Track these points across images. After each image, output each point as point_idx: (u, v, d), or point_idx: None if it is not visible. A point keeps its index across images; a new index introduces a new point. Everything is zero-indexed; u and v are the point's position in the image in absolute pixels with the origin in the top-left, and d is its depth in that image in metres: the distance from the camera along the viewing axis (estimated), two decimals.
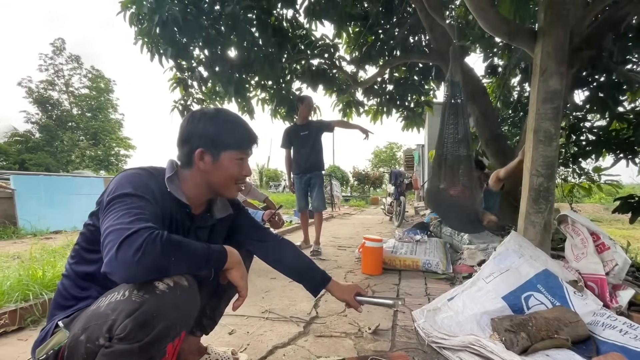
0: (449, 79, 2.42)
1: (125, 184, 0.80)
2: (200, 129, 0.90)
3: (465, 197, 2.47)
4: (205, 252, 0.79)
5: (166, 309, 0.69)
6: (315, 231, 3.59)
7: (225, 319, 1.51)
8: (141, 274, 0.69)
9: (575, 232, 1.69)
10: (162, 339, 0.70)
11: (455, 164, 2.47)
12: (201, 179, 0.93)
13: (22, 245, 3.67)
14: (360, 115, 4.90)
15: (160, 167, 0.95)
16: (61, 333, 0.77)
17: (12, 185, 4.86)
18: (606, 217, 9.87)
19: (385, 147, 36.36)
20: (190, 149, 0.90)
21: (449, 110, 2.44)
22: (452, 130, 2.45)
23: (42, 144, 20.74)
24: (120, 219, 0.71)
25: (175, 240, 0.73)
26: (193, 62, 3.82)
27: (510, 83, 4.57)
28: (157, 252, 0.68)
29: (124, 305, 0.67)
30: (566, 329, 1.19)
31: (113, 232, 0.69)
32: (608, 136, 3.48)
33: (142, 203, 0.78)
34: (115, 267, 0.66)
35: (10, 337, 1.45)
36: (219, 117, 0.93)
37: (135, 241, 0.66)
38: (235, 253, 0.87)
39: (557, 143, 1.85)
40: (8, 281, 1.71)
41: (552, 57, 1.79)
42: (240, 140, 0.93)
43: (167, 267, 0.71)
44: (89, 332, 0.69)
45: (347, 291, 1.20)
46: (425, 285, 2.26)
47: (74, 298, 0.83)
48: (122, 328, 0.66)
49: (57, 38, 24.53)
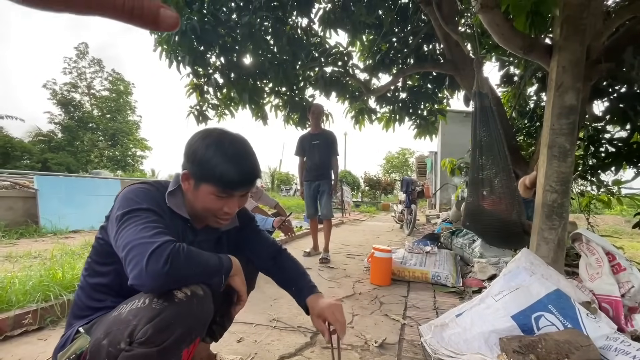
0: (476, 91, 2.37)
1: (135, 199, 0.84)
2: (194, 150, 0.87)
3: (507, 209, 2.30)
4: (217, 262, 0.84)
5: (184, 316, 0.74)
6: (324, 239, 3.61)
7: (234, 326, 1.54)
8: (169, 284, 0.74)
9: (590, 251, 1.66)
10: (179, 344, 0.75)
11: (492, 174, 2.35)
12: (188, 198, 0.94)
13: (43, 244, 3.82)
14: (373, 123, 4.91)
15: (164, 181, 0.99)
16: (82, 338, 0.82)
17: (35, 185, 5.07)
18: (627, 230, 9.49)
19: (397, 153, 36.09)
20: (182, 165, 0.91)
21: (480, 122, 2.36)
22: (485, 141, 2.36)
23: (64, 144, 21.51)
24: (141, 233, 0.75)
25: (194, 252, 0.78)
26: (209, 69, 3.92)
27: (526, 92, 4.49)
28: (182, 263, 0.73)
29: (145, 312, 0.72)
30: (577, 353, 1.17)
31: (137, 247, 0.72)
32: (629, 148, 3.37)
33: (157, 217, 0.82)
34: (146, 278, 0.70)
35: (30, 336, 1.52)
36: (218, 146, 0.86)
37: (162, 253, 0.71)
38: (237, 261, 0.92)
39: (572, 159, 1.81)
40: (30, 281, 1.79)
41: (568, 72, 1.77)
42: (226, 180, 0.86)
43: (188, 276, 0.77)
44: (111, 337, 0.73)
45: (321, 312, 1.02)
46: (434, 298, 2.24)
47: (90, 308, 0.88)
48: (142, 333, 0.70)
49: (81, 42, 25.53)
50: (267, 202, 3.68)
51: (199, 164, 0.86)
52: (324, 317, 1.01)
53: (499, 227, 2.42)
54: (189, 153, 0.88)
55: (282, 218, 2.63)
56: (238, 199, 0.92)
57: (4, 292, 1.65)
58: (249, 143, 0.94)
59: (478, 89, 2.38)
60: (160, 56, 3.53)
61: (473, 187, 2.50)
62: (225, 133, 0.91)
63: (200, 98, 4.21)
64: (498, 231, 2.47)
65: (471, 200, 2.53)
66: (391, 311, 1.96)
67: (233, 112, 4.49)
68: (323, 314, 1.01)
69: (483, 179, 2.41)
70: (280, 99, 4.55)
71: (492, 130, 2.32)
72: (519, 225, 2.30)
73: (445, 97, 4.69)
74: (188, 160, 0.88)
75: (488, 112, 2.34)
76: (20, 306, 1.61)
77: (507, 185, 2.28)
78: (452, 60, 3.51)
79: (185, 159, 0.90)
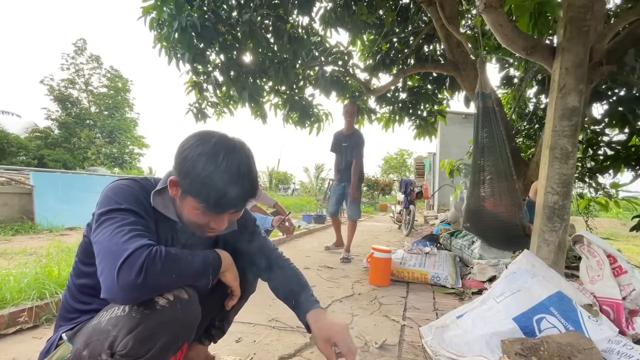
0: (479, 91, 2.36)
1: (114, 198, 0.77)
2: (184, 158, 0.77)
3: (508, 211, 2.30)
4: (203, 262, 0.79)
5: (167, 323, 0.69)
6: (347, 239, 3.69)
7: (233, 326, 1.51)
8: (145, 296, 0.68)
9: (591, 253, 1.65)
10: (164, 354, 0.71)
11: (494, 176, 2.33)
12: (176, 204, 0.86)
13: (38, 241, 3.78)
14: (372, 123, 4.90)
15: (154, 178, 0.90)
16: (64, 346, 0.79)
17: (32, 181, 5.02)
18: (623, 233, 9.55)
19: (395, 154, 36.13)
20: (173, 168, 0.82)
21: (483, 123, 2.35)
22: (488, 142, 2.34)
23: (61, 141, 21.37)
24: (114, 238, 0.68)
25: (174, 255, 0.71)
26: (209, 67, 3.90)
27: (526, 94, 4.50)
28: (158, 272, 0.67)
29: (125, 321, 0.67)
30: (580, 356, 1.16)
31: (109, 254, 0.66)
32: (627, 151, 3.39)
33: (134, 218, 0.75)
34: (117, 292, 0.64)
35: (25, 335, 1.49)
36: (211, 159, 0.75)
37: (134, 263, 0.64)
38: (227, 255, 0.87)
39: (574, 161, 1.81)
40: (26, 279, 1.76)
41: (571, 74, 1.76)
42: (214, 200, 0.76)
43: (168, 284, 0.71)
44: (90, 348, 0.69)
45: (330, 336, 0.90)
46: (433, 299, 2.23)
47: (77, 311, 0.84)
48: (123, 345, 0.66)
49: (79, 38, 25.32)
50: (266, 201, 3.65)
51: (187, 175, 0.76)
52: (332, 342, 0.90)
53: (499, 229, 2.41)
54: (180, 159, 0.78)
55: (282, 217, 2.62)
56: (228, 216, 0.83)
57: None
58: (248, 154, 0.82)
59: (481, 89, 2.37)
60: (159, 53, 3.50)
61: (474, 188, 2.48)
62: (222, 142, 0.78)
63: (199, 96, 4.18)
64: (498, 233, 2.46)
65: (472, 201, 2.51)
66: (391, 312, 1.95)
67: (232, 110, 4.47)
68: (332, 338, 0.89)
69: (484, 181, 2.39)
70: (280, 98, 4.53)
71: (495, 131, 2.31)
72: (520, 227, 2.29)
73: (445, 98, 4.69)
74: (177, 167, 0.79)
75: (491, 112, 2.33)
76: (15, 304, 1.58)
77: (508, 187, 2.26)
78: (453, 61, 3.50)
79: (175, 164, 0.80)
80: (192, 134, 0.81)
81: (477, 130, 2.41)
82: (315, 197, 15.99)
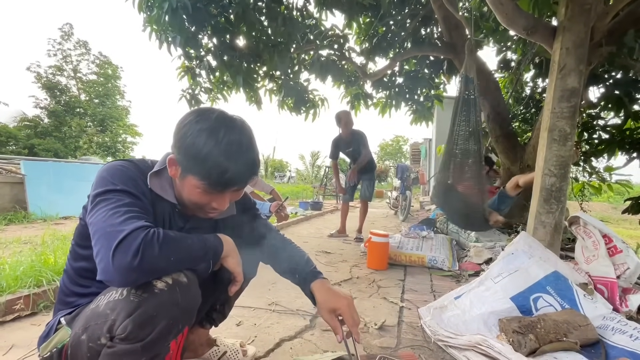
0: (463, 74, 2.37)
1: (109, 179, 0.74)
2: (183, 135, 0.75)
3: (473, 194, 2.45)
4: (202, 246, 0.77)
5: (166, 307, 0.68)
6: (360, 219, 3.94)
7: (233, 310, 1.51)
8: (142, 278, 0.67)
9: (586, 234, 1.67)
10: (164, 337, 0.70)
11: (464, 160, 2.45)
12: (175, 184, 0.84)
13: (32, 230, 3.74)
14: (369, 108, 4.85)
15: (151, 160, 0.88)
16: (63, 330, 0.77)
17: (23, 170, 4.93)
18: (614, 216, 9.75)
19: (391, 140, 36.10)
20: (171, 147, 0.80)
21: (462, 106, 2.41)
22: (463, 125, 2.42)
23: (51, 130, 20.90)
24: (110, 219, 0.67)
25: (172, 238, 0.70)
26: (201, 51, 3.79)
27: (523, 78, 4.47)
28: (156, 254, 0.65)
29: (123, 305, 0.66)
30: (575, 332, 1.19)
31: (104, 236, 0.65)
32: (622, 135, 3.41)
33: (130, 199, 0.73)
34: (113, 274, 0.62)
35: (24, 322, 1.48)
36: (212, 135, 0.73)
37: (130, 245, 0.62)
38: (229, 240, 0.85)
39: (572, 143, 1.81)
40: (21, 267, 1.74)
41: (572, 54, 1.74)
42: (215, 177, 0.75)
43: (166, 267, 0.70)
44: (89, 332, 0.69)
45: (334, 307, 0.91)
46: (430, 281, 2.26)
47: (75, 294, 0.83)
48: (122, 328, 0.65)
49: (65, 23, 24.38)
50: (262, 188, 3.64)
51: (187, 152, 0.74)
52: (337, 313, 0.90)
53: (462, 209, 2.55)
54: (179, 136, 0.76)
55: (279, 203, 2.61)
56: (230, 195, 0.82)
57: None
58: (249, 130, 0.81)
59: (465, 73, 2.38)
60: (149, 37, 3.39)
61: (445, 168, 2.58)
62: (222, 117, 0.77)
63: (192, 81, 4.09)
64: (461, 212, 2.61)
65: (441, 180, 2.63)
66: (389, 294, 1.97)
67: (226, 96, 4.38)
68: (337, 309, 0.90)
69: (455, 163, 2.50)
70: (275, 83, 4.45)
71: (471, 118, 2.38)
72: (481, 211, 2.43)
73: (442, 82, 4.64)
74: (176, 145, 0.77)
75: (470, 97, 2.36)
76: (11, 292, 1.56)
77: (476, 172, 2.40)
78: (450, 43, 3.45)
79: (174, 142, 0.78)
80: (190, 111, 0.79)
81: (454, 114, 2.46)
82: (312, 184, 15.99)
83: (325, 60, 4.11)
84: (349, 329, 0.91)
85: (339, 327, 0.91)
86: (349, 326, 0.90)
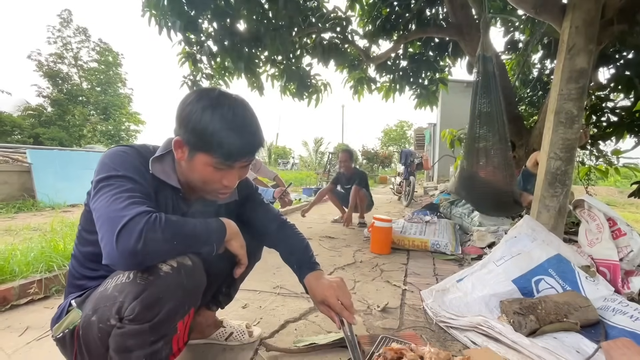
0: (480, 54, 2.27)
1: (110, 165, 0.76)
2: (188, 114, 0.76)
3: (501, 179, 2.33)
4: (205, 230, 0.78)
5: (171, 289, 0.70)
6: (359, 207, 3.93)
7: (239, 293, 1.55)
8: (145, 262, 0.69)
9: (591, 217, 1.67)
10: (171, 318, 0.72)
11: (489, 144, 2.32)
12: (180, 167, 0.85)
13: (41, 218, 3.81)
14: (372, 93, 4.78)
15: (153, 145, 0.89)
16: (74, 312, 0.80)
17: (29, 159, 4.98)
18: (620, 200, 9.67)
19: (395, 126, 35.73)
20: (175, 131, 0.81)
21: (482, 88, 2.29)
22: (485, 108, 2.30)
23: (55, 118, 20.95)
24: (113, 205, 0.68)
25: (175, 222, 0.71)
26: (202, 36, 3.73)
27: (530, 60, 4.36)
28: (159, 238, 0.66)
29: (130, 288, 0.68)
30: (576, 313, 1.20)
31: (107, 221, 0.66)
32: (631, 117, 3.34)
33: (132, 185, 0.74)
34: (117, 258, 0.64)
35: (37, 305, 1.53)
36: (217, 110, 0.76)
37: (134, 229, 0.64)
38: (233, 224, 0.86)
39: (579, 125, 1.78)
40: (32, 252, 1.79)
41: (581, 33, 1.69)
42: (225, 150, 0.76)
43: (170, 251, 0.71)
44: (99, 314, 0.71)
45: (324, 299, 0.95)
46: (433, 265, 2.29)
47: (85, 277, 0.85)
48: (130, 310, 0.67)
49: (64, 9, 24.00)
50: (266, 174, 3.65)
51: (194, 130, 0.75)
52: (327, 304, 0.94)
53: (490, 195, 2.46)
54: (182, 117, 0.77)
55: (282, 189, 2.62)
56: (238, 171, 0.84)
57: (7, 264, 1.64)
58: (250, 106, 0.83)
59: (482, 52, 2.28)
60: (149, 22, 3.33)
61: (469, 155, 2.48)
62: (223, 94, 0.80)
63: (193, 67, 4.04)
64: (490, 199, 2.52)
65: (465, 169, 2.54)
66: (392, 278, 2.00)
67: (228, 82, 4.33)
68: (326, 300, 0.94)
69: (479, 148, 2.40)
70: (277, 68, 4.38)
71: (493, 98, 2.26)
72: (510, 194, 2.34)
73: (447, 65, 4.54)
74: (181, 126, 0.78)
75: (491, 78, 2.26)
76: (24, 276, 1.61)
77: (502, 155, 2.28)
78: (456, 24, 3.36)
79: (178, 124, 0.79)
80: (190, 92, 0.81)
81: (475, 96, 2.35)
82: (315, 170, 15.99)
83: (327, 43, 4.03)
84: (340, 314, 0.94)
85: (332, 316, 0.95)
86: (337, 311, 0.94)
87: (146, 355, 0.72)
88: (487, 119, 2.29)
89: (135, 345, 0.70)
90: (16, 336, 1.25)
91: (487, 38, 2.28)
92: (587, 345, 1.09)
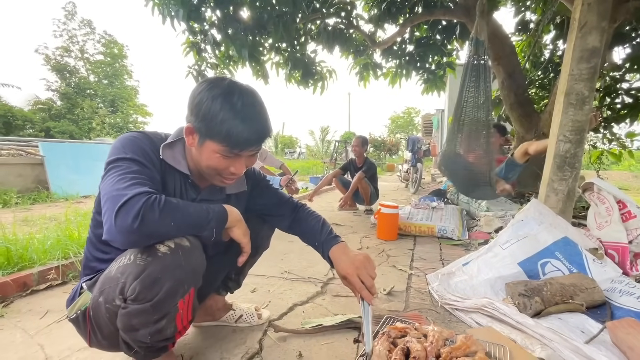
0: (473, 37, 2.25)
1: (120, 148, 0.79)
2: (199, 102, 0.79)
3: (481, 163, 2.41)
4: (204, 214, 0.79)
5: (170, 269, 0.73)
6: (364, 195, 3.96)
7: (248, 278, 1.59)
8: (142, 240, 0.71)
9: (600, 200, 1.64)
10: (171, 297, 0.75)
11: (473, 128, 2.39)
12: (191, 154, 0.87)
13: (56, 209, 3.92)
14: (378, 79, 4.71)
15: (165, 133, 0.91)
16: (85, 294, 0.85)
17: (41, 152, 5.09)
18: (635, 185, 9.45)
19: (403, 112, 35.24)
20: (186, 118, 0.83)
21: (471, 72, 2.31)
22: (472, 93, 2.34)
23: (64, 112, 21.25)
24: (116, 185, 0.71)
25: (174, 204, 0.73)
26: (205, 25, 3.71)
27: (542, 41, 4.22)
28: (156, 218, 0.68)
29: (131, 269, 0.72)
30: (582, 295, 1.20)
31: (110, 199, 0.69)
32: None
33: (138, 167, 0.77)
34: (115, 234, 0.66)
35: (55, 290, 1.60)
36: (226, 99, 0.78)
37: (132, 208, 0.66)
38: (235, 211, 0.87)
39: (590, 107, 1.74)
40: (49, 241, 1.85)
41: (594, 10, 1.63)
42: (234, 138, 0.78)
43: (167, 231, 0.73)
44: (105, 294, 0.76)
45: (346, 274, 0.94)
46: (440, 250, 2.30)
47: (97, 260, 0.88)
48: (132, 290, 0.71)
49: (68, 2, 23.96)
50: (272, 163, 3.67)
51: (204, 118, 0.78)
52: (349, 282, 0.93)
53: (469, 177, 2.52)
54: (194, 105, 0.80)
55: (289, 177, 2.64)
56: (246, 159, 0.86)
57: (25, 252, 1.71)
58: (259, 96, 0.85)
59: (476, 35, 2.25)
60: (152, 11, 3.32)
61: (452, 135, 2.54)
62: (234, 83, 0.81)
63: (197, 57, 4.03)
64: (468, 180, 2.57)
65: (448, 149, 2.59)
66: (398, 263, 2.02)
67: (233, 71, 4.32)
68: (348, 277, 0.92)
69: (463, 130, 2.46)
70: (281, 56, 4.34)
71: (481, 84, 2.29)
72: (487, 179, 2.39)
73: (454, 48, 4.43)
74: (192, 113, 0.80)
75: (480, 63, 2.27)
76: (42, 263, 1.68)
77: (484, 140, 2.35)
78: (464, 5, 3.27)
79: (189, 111, 0.81)
80: (202, 81, 0.83)
81: (463, 80, 2.36)
82: (322, 159, 15.97)
83: (332, 29, 3.96)
84: (358, 292, 0.92)
85: (356, 292, 0.94)
86: (358, 291, 0.92)
87: (151, 333, 0.76)
88: (473, 104, 2.34)
89: (139, 323, 0.75)
90: (37, 319, 1.31)
91: (481, 21, 2.23)
92: (592, 326, 1.10)
